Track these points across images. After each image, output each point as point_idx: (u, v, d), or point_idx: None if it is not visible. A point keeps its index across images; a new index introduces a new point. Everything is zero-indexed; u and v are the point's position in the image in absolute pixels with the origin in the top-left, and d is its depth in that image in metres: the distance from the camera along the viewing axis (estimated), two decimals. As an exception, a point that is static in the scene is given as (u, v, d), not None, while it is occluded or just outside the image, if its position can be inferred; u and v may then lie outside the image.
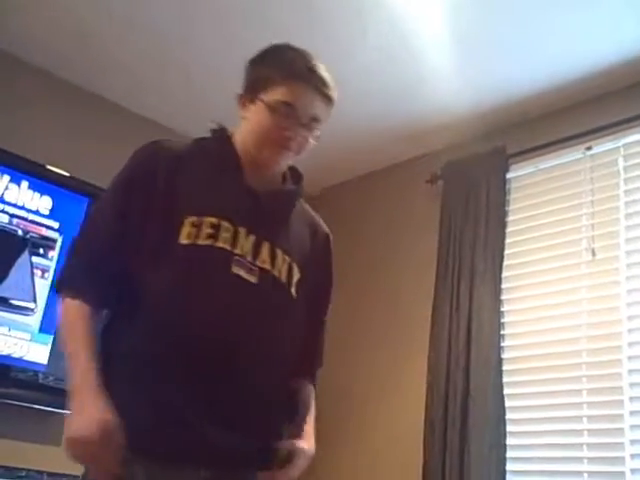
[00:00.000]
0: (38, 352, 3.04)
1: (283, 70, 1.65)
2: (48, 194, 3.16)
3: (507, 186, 3.42)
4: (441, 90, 3.32)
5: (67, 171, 3.24)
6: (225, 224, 1.60)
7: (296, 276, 1.68)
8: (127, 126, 3.65)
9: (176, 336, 1.52)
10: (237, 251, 1.59)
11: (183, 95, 3.58)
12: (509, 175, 3.43)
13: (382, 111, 3.53)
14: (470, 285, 3.29)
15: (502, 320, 3.26)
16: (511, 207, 3.41)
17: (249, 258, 1.60)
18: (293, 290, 1.67)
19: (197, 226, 1.57)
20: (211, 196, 1.63)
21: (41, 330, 3.06)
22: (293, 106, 1.64)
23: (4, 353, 2.94)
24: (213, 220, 1.59)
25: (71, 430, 1.43)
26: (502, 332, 3.25)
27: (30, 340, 3.02)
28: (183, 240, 1.56)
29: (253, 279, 1.59)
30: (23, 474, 2.71)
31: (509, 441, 3.05)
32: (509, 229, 3.37)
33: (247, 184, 1.68)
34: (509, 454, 3.04)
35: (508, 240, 3.34)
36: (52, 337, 3.07)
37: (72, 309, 1.56)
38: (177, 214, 1.58)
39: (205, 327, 1.53)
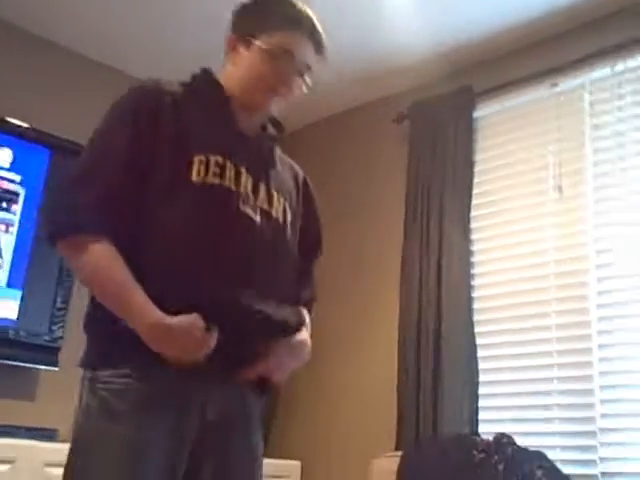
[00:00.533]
0: (7, 308, 3.00)
1: (283, 17, 1.66)
2: (8, 146, 3.09)
3: (474, 125, 3.41)
4: (401, 30, 3.28)
5: (27, 122, 3.16)
6: (229, 163, 1.61)
7: (289, 217, 1.72)
8: (88, 76, 3.56)
9: (191, 272, 1.52)
10: (241, 190, 1.61)
11: (148, 44, 3.49)
12: (476, 114, 3.42)
13: (342, 52, 3.47)
14: (439, 225, 3.31)
15: (472, 259, 3.30)
16: (479, 146, 3.41)
17: (251, 197, 1.63)
18: (289, 230, 1.71)
19: (205, 164, 1.57)
20: (211, 136, 1.63)
21: (9, 285, 3.02)
22: (292, 54, 1.66)
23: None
24: (219, 159, 1.60)
25: (169, 350, 1.46)
26: (472, 271, 3.28)
27: (-1, 295, 2.99)
28: (194, 178, 1.56)
29: (257, 218, 1.62)
30: (1, 430, 2.71)
31: (481, 378, 3.11)
32: (477, 168, 3.37)
33: (239, 127, 1.69)
34: (481, 390, 3.11)
35: (476, 179, 3.35)
36: (20, 292, 3.03)
37: (99, 251, 1.51)
38: (185, 151, 1.57)
39: (218, 261, 1.54)
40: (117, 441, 1.45)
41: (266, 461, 3.77)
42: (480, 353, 3.16)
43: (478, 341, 3.17)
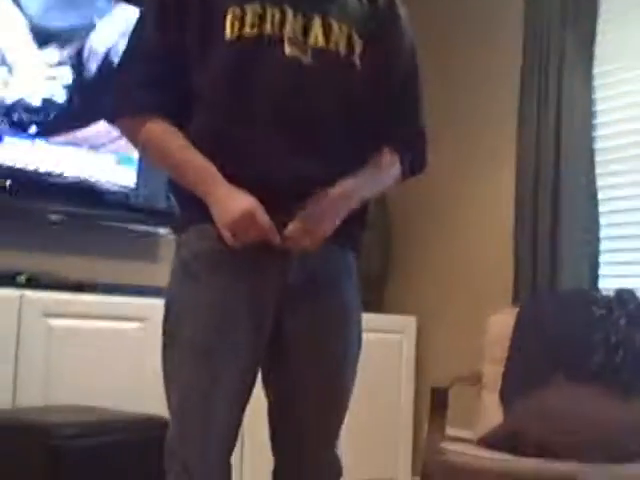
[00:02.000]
0: (126, 175, 3.09)
1: None
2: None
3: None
4: None
5: None
6: (269, 9, 1.49)
7: (358, 45, 1.55)
8: None
9: (230, 140, 1.48)
10: (287, 33, 1.49)
11: None
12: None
13: None
14: (559, 72, 3.11)
15: (593, 108, 3.11)
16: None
17: (300, 37, 1.50)
18: (357, 61, 1.54)
19: (240, 18, 1.48)
20: None
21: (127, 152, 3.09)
22: None
23: (94, 177, 3.00)
24: (256, 7, 1.49)
25: (230, 212, 1.42)
26: (594, 121, 3.11)
27: (117, 163, 3.06)
28: (228, 35, 1.47)
29: (308, 59, 1.49)
30: (127, 290, 2.85)
31: (602, 233, 3.01)
32: (602, 7, 3.11)
33: None
34: (602, 246, 3.01)
35: (600, 18, 3.09)
36: (137, 159, 3.10)
37: (156, 129, 1.51)
38: (216, 4, 1.49)
39: (265, 120, 1.47)
40: (200, 303, 1.47)
41: (381, 316, 3.84)
42: (602, 208, 3.04)
43: (600, 195, 3.04)
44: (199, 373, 1.45)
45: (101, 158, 3.02)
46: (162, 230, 3.20)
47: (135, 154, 3.07)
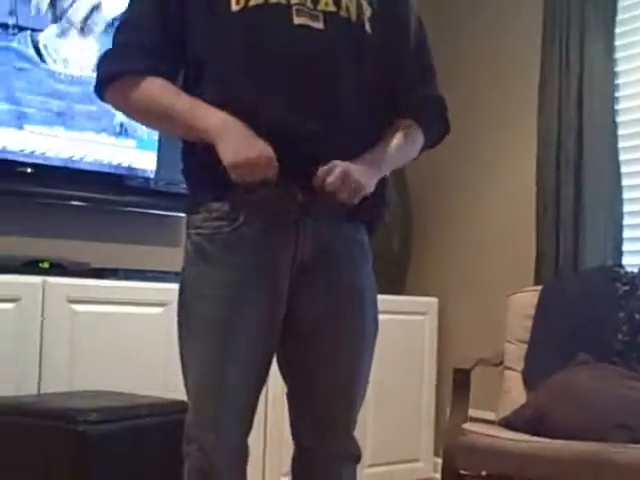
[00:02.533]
0: (146, 158, 3.10)
1: None
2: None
3: None
4: None
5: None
6: None
7: (368, 11, 1.53)
8: None
9: (248, 104, 1.45)
10: (294, 1, 1.47)
11: None
12: None
13: None
14: (580, 44, 3.06)
15: (616, 81, 3.07)
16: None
17: (309, 4, 1.47)
18: (367, 26, 1.52)
19: None
20: None
21: (147, 136, 3.10)
22: None
23: (114, 162, 3.01)
24: None
25: (239, 152, 1.40)
26: (616, 94, 3.06)
27: (136, 147, 3.07)
28: (234, 7, 1.45)
29: (319, 25, 1.47)
30: (149, 275, 2.87)
31: (626, 208, 2.97)
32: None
33: None
34: (626, 221, 2.97)
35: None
36: (157, 142, 3.11)
37: (148, 84, 1.48)
38: None
39: (277, 86, 1.45)
40: (213, 282, 1.47)
41: (402, 298, 3.84)
42: (625, 182, 3.00)
43: (623, 169, 3.00)
44: (214, 352, 1.46)
45: (121, 143, 3.03)
46: (184, 214, 3.21)
47: (155, 137, 3.08)
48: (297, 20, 1.46)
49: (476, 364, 2.63)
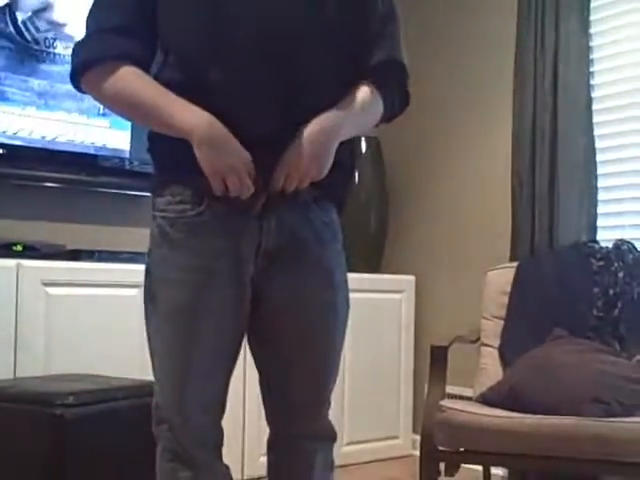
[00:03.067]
0: (119, 138, 3.07)
1: None
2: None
3: None
4: None
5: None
6: None
7: None
8: None
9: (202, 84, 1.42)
10: None
11: None
12: None
13: None
14: (556, 19, 3.05)
15: (591, 56, 3.07)
16: None
17: None
18: None
19: None
20: None
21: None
22: None
23: (87, 142, 2.98)
24: None
25: (189, 124, 1.38)
26: (591, 69, 3.06)
27: (109, 127, 3.04)
28: None
29: None
30: (124, 256, 2.84)
31: (600, 183, 2.99)
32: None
33: None
34: (600, 196, 2.99)
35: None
36: (130, 122, 3.07)
37: (124, 73, 1.44)
38: None
39: (242, 48, 1.41)
40: (178, 267, 1.45)
41: (380, 277, 3.86)
42: (599, 157, 3.01)
43: (597, 144, 3.01)
44: (179, 336, 1.45)
45: (94, 122, 2.99)
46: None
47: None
48: None
49: (453, 341, 2.64)
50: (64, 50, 2.90)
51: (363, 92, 1.51)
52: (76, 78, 1.51)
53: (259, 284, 1.48)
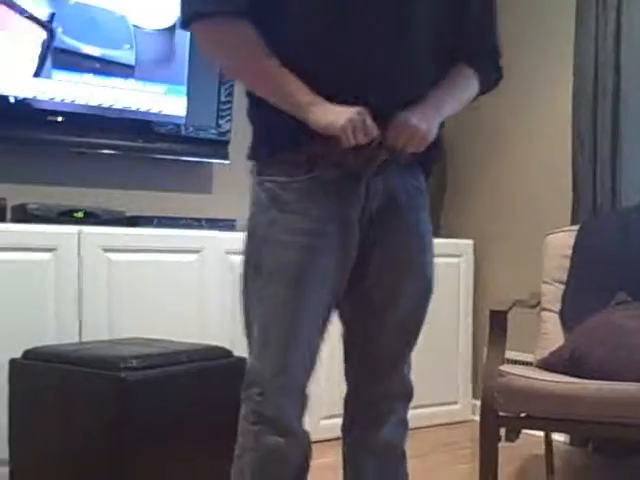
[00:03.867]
0: (175, 105, 3.08)
1: None
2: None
3: None
4: None
5: None
6: None
7: None
8: None
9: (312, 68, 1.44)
10: None
11: None
12: None
13: None
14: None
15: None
16: None
17: None
18: None
19: None
20: None
21: (174, 83, 3.07)
22: None
23: (143, 109, 2.99)
24: None
25: (339, 113, 1.41)
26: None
27: (165, 93, 3.05)
28: None
29: None
30: (183, 222, 2.87)
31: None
32: None
33: None
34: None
35: None
36: (186, 88, 3.08)
37: (252, 34, 1.43)
38: None
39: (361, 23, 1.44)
40: (288, 229, 1.47)
41: (438, 241, 3.80)
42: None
43: (662, 105, 2.92)
44: (287, 296, 1.46)
45: (150, 89, 3.00)
46: (215, 160, 3.20)
47: (184, 83, 3.05)
48: None
49: (513, 305, 2.61)
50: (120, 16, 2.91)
51: (462, 74, 1.59)
52: (186, 26, 1.49)
53: (362, 248, 1.51)
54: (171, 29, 3.03)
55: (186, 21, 1.48)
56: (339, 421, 1.64)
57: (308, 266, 1.46)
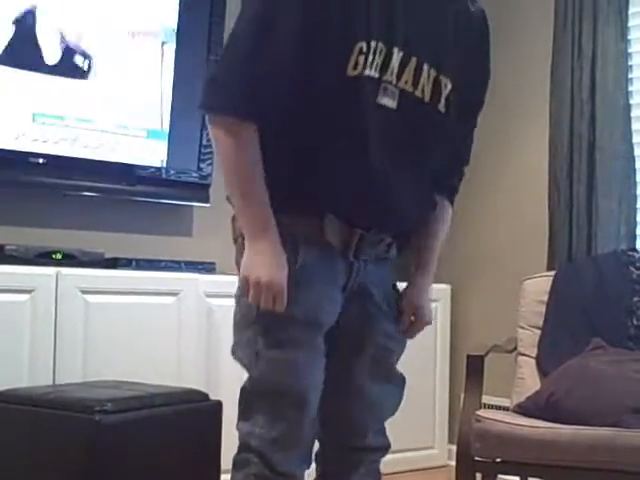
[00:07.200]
0: (156, 148, 3.10)
1: None
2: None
3: None
4: None
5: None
6: (379, 45, 1.43)
7: (446, 89, 1.54)
8: None
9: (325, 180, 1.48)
10: (386, 77, 1.46)
11: None
12: None
13: None
14: (593, 26, 3.03)
15: (629, 63, 3.05)
16: None
17: (393, 79, 1.47)
18: (441, 106, 1.54)
19: (365, 53, 1.42)
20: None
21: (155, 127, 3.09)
22: None
23: (125, 152, 3.01)
24: (381, 46, 1.43)
25: (254, 270, 1.43)
26: (630, 75, 3.04)
27: (146, 137, 3.07)
28: (350, 70, 1.42)
29: (393, 104, 1.47)
30: (162, 265, 2.87)
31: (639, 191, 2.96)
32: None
33: None
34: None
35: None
36: (167, 132, 3.11)
37: (252, 144, 1.44)
38: (348, 36, 1.42)
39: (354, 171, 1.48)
40: (297, 279, 1.48)
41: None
42: (639, 164, 2.97)
43: (636, 152, 2.98)
44: (300, 355, 1.47)
45: (132, 132, 3.03)
46: (195, 203, 3.21)
47: (165, 127, 3.08)
48: (380, 99, 1.46)
49: (490, 350, 2.62)
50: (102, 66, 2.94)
51: (444, 215, 1.78)
52: (202, 112, 1.54)
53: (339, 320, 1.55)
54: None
55: (200, 106, 1.51)
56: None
57: (320, 321, 1.51)
